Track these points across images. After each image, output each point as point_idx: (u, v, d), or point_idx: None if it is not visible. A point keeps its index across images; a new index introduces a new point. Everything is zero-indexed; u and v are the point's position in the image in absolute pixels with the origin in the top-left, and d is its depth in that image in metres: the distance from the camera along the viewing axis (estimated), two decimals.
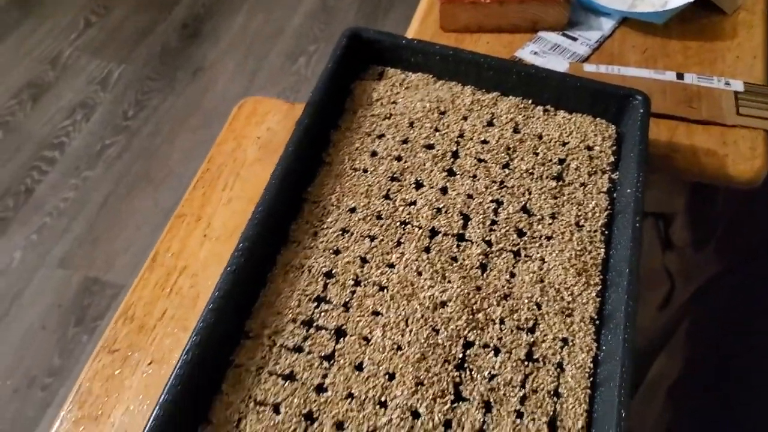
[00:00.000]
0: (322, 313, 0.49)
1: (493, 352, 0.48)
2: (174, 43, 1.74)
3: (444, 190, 0.56)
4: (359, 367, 0.47)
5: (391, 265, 0.51)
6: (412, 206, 0.54)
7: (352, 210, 0.54)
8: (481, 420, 0.45)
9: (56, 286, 1.29)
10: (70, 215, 1.39)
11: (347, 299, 0.50)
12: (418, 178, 0.56)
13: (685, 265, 1.10)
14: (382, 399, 0.45)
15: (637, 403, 0.91)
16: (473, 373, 0.47)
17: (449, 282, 0.50)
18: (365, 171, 0.56)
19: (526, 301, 0.50)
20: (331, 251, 0.52)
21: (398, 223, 0.53)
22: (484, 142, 0.59)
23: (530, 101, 0.61)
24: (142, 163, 1.49)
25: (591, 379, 0.47)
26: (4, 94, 1.62)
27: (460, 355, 0.47)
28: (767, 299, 0.96)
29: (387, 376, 0.46)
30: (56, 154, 1.50)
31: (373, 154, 0.58)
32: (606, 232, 0.54)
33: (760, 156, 0.62)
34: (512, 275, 0.51)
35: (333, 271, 0.51)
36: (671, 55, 0.71)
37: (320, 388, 0.46)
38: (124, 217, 1.39)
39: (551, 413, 0.45)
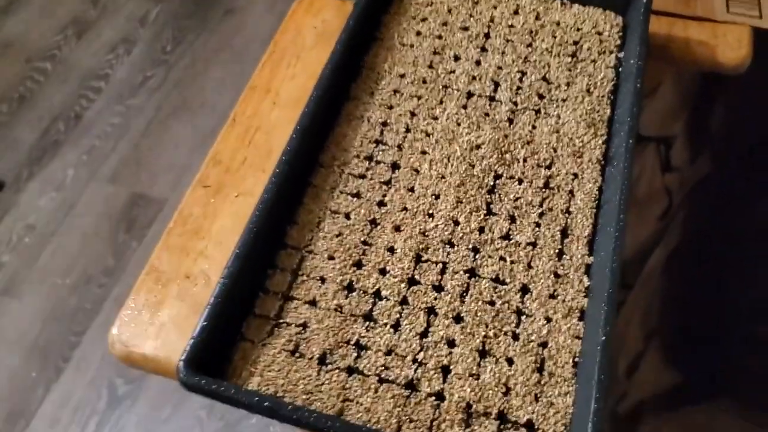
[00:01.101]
0: (380, 152, 0.60)
1: (517, 182, 0.59)
2: None
3: (478, 63, 0.67)
4: (411, 190, 0.58)
5: (435, 118, 0.63)
6: (452, 74, 0.66)
7: (402, 75, 0.65)
8: (508, 228, 0.57)
9: (106, 199, 1.41)
10: (116, 138, 1.51)
11: (400, 142, 0.61)
12: (456, 53, 0.67)
13: (683, 181, 1.21)
14: (430, 212, 0.57)
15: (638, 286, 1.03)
16: (501, 196, 0.58)
17: (483, 130, 0.62)
18: (412, 46, 0.68)
19: (545, 145, 0.61)
20: (385, 106, 0.63)
21: (440, 87, 0.65)
22: (511, 26, 0.69)
23: None
24: (179, 93, 1.60)
25: (596, 202, 0.59)
26: (49, 30, 1.73)
27: (491, 183, 0.59)
28: (745, 193, 1.07)
29: (433, 197, 0.58)
30: (102, 84, 1.61)
31: (418, 33, 0.69)
32: (612, 98, 0.65)
33: (745, 46, 0.73)
34: (534, 127, 0.63)
35: (387, 121, 0.62)
36: None
37: (381, 203, 0.57)
38: (164, 140, 1.51)
39: (563, 225, 0.57)
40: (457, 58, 0.67)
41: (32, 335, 1.22)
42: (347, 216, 0.56)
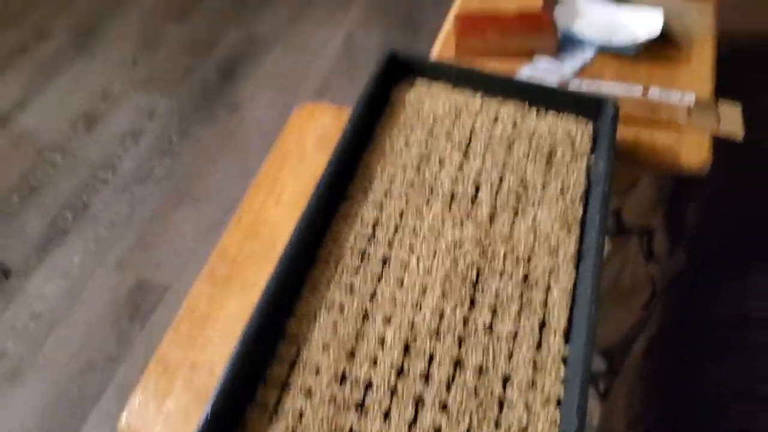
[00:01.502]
0: (373, 248, 0.66)
1: (498, 276, 0.65)
2: (213, 81, 1.94)
3: (461, 167, 0.73)
4: (401, 283, 0.64)
5: (422, 217, 0.69)
6: (437, 177, 0.72)
7: (392, 178, 0.72)
8: (490, 319, 0.62)
9: (111, 286, 1.46)
10: (122, 226, 1.57)
11: (390, 239, 0.67)
12: (441, 158, 0.74)
13: (664, 271, 1.27)
14: (418, 304, 0.62)
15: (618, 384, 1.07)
16: (484, 289, 0.64)
17: (465, 229, 0.68)
18: (401, 151, 0.74)
19: (523, 243, 0.67)
20: (377, 206, 0.69)
21: (427, 188, 0.71)
22: (491, 134, 0.77)
23: (526, 105, 0.80)
24: (185, 184, 1.67)
25: (571, 296, 0.64)
26: (61, 122, 1.82)
27: (474, 277, 0.64)
28: (717, 283, 1.12)
29: (421, 290, 0.63)
30: (109, 175, 1.68)
31: (407, 140, 0.76)
32: (584, 199, 0.71)
33: (706, 151, 0.80)
34: (512, 225, 0.69)
35: (379, 219, 0.68)
36: (639, 75, 0.89)
37: (373, 296, 0.63)
38: (169, 228, 1.57)
39: (541, 317, 0.62)
40: (442, 163, 0.74)
41: (36, 421, 1.24)
42: (342, 308, 0.62)
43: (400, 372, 0.58)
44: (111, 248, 1.53)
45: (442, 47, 0.95)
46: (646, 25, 0.92)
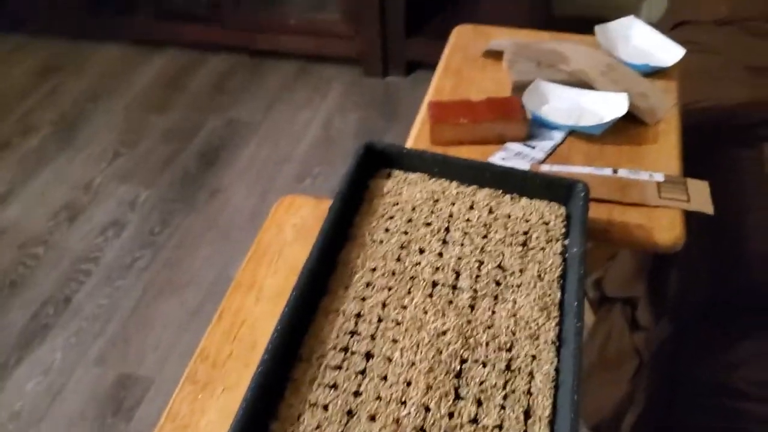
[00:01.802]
0: (355, 342, 0.66)
1: (482, 365, 0.65)
2: (194, 169, 1.97)
3: (440, 254, 0.75)
4: (384, 378, 0.64)
5: (404, 307, 0.69)
6: (418, 265, 0.73)
7: (373, 269, 0.73)
8: (475, 412, 0.61)
9: (93, 381, 1.43)
10: (104, 319, 1.56)
11: (373, 332, 0.67)
12: (421, 246, 0.75)
13: (649, 340, 1.27)
14: (403, 399, 0.62)
15: None
16: (468, 380, 0.64)
17: (447, 317, 0.68)
18: (381, 242, 0.76)
19: (504, 329, 0.68)
20: (359, 298, 0.70)
21: (408, 278, 0.72)
22: (468, 220, 0.78)
23: (500, 191, 0.81)
24: (167, 272, 1.67)
25: (554, 382, 0.64)
26: (43, 216, 1.82)
27: (458, 368, 0.64)
28: (701, 353, 1.12)
29: (405, 384, 0.63)
30: (91, 267, 1.68)
31: (386, 230, 0.77)
32: (561, 282, 0.72)
33: (678, 228, 0.82)
34: (493, 312, 0.69)
35: (361, 312, 0.69)
36: (608, 156, 0.92)
37: (356, 393, 0.62)
38: (152, 319, 1.56)
39: (526, 406, 0.62)
40: (422, 251, 0.75)
41: None
42: (325, 408, 0.61)
43: None
44: (93, 342, 1.51)
45: (417, 134, 0.98)
46: (612, 106, 0.95)
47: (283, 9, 2.27)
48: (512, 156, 0.92)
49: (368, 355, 0.65)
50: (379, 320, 0.68)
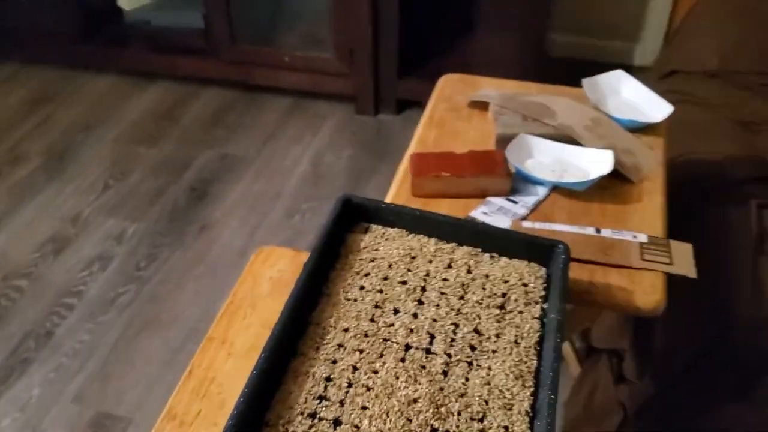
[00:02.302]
0: (323, 408, 0.65)
1: None
2: (183, 203, 1.96)
3: (415, 315, 0.73)
4: None
5: (376, 372, 0.68)
6: (391, 327, 0.72)
7: (346, 330, 0.71)
8: None
9: (71, 420, 1.40)
10: (84, 355, 1.53)
11: (342, 397, 0.65)
12: (396, 306, 0.74)
13: (634, 394, 1.25)
14: None
15: None
16: None
17: (419, 384, 0.67)
18: (355, 300, 0.74)
19: (477, 398, 0.66)
20: (330, 361, 0.68)
21: (381, 340, 0.70)
22: (445, 279, 0.77)
23: (480, 249, 0.80)
24: (151, 308, 1.65)
25: None
26: (29, 248, 1.81)
27: None
28: (688, 408, 1.10)
29: None
30: (75, 301, 1.66)
31: (361, 287, 0.76)
32: (538, 349, 0.71)
33: (659, 291, 0.81)
34: (467, 379, 0.68)
35: (331, 376, 0.67)
36: (592, 214, 0.91)
37: None
38: (133, 357, 1.53)
39: None
40: (396, 312, 0.73)
41: None
42: None
43: None
44: (72, 379, 1.49)
45: (399, 185, 0.97)
46: (598, 163, 0.95)
47: (279, 45, 2.29)
48: (494, 211, 0.91)
49: (336, 422, 0.64)
50: (349, 385, 0.66)
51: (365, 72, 2.18)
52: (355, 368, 0.68)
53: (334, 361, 0.68)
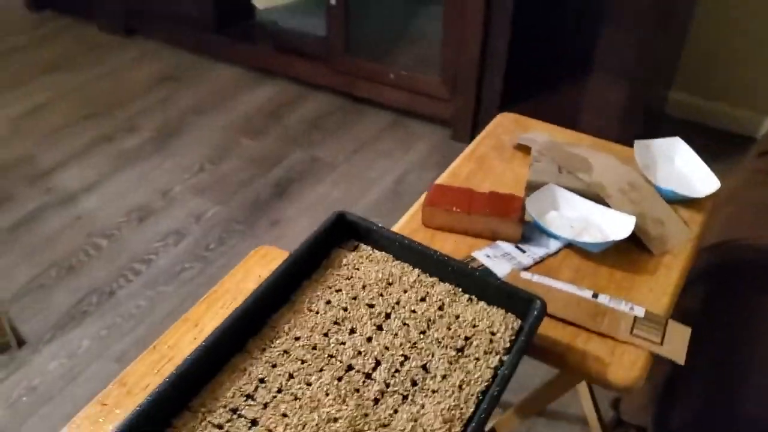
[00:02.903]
0: (246, 406, 0.66)
1: None
2: (264, 196, 2.04)
3: (369, 339, 0.73)
4: None
5: (309, 384, 0.69)
6: (342, 345, 0.72)
7: (297, 338, 0.73)
8: None
9: (107, 377, 1.50)
10: (137, 320, 1.64)
11: (268, 401, 0.67)
12: (354, 326, 0.74)
13: None
14: None
15: None
16: None
17: (346, 405, 0.67)
18: (317, 312, 0.75)
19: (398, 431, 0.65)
20: (270, 364, 0.70)
21: (326, 355, 0.71)
22: (413, 311, 0.76)
23: (460, 290, 0.79)
24: (206, 289, 1.73)
25: None
26: (117, 211, 1.96)
27: None
28: None
29: None
30: (143, 267, 1.78)
31: (328, 302, 0.77)
32: (480, 398, 0.69)
33: (638, 370, 0.76)
34: (395, 411, 0.67)
35: (266, 379, 0.69)
36: (598, 277, 0.87)
37: None
38: None
39: None
40: (352, 332, 0.74)
41: None
42: None
43: None
44: (121, 339, 1.60)
45: (414, 212, 0.97)
46: (619, 226, 0.90)
47: (389, 63, 2.33)
48: (498, 255, 0.89)
49: (253, 422, 0.65)
50: (279, 391, 0.68)
51: (467, 99, 2.18)
52: (291, 376, 0.69)
53: (274, 365, 0.70)
